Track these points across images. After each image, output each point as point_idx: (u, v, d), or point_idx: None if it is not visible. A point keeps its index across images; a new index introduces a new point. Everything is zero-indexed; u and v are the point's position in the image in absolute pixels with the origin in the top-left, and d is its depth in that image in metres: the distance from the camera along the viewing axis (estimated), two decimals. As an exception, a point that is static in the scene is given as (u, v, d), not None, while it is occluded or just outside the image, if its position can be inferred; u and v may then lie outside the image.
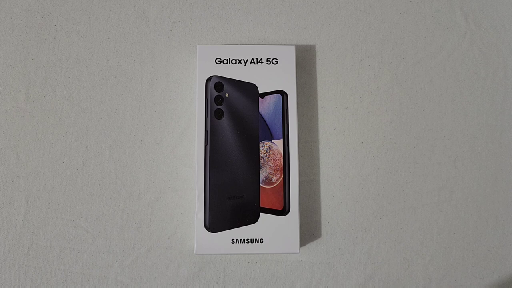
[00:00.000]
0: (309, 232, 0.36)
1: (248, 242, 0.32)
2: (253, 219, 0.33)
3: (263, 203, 0.33)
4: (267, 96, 0.34)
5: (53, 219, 0.35)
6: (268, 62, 0.35)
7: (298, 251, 0.33)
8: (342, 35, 0.38)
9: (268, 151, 0.34)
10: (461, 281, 0.36)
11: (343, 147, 0.37)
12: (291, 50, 0.35)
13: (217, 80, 0.34)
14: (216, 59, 0.35)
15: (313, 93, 0.38)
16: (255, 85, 0.34)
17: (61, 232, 0.35)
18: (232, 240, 0.32)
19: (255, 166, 0.34)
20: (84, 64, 0.37)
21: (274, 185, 0.34)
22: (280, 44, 0.38)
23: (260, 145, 0.34)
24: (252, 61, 0.35)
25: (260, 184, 0.34)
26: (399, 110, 0.38)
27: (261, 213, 0.33)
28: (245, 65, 0.35)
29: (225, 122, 0.34)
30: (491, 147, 0.37)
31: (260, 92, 0.34)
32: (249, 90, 0.34)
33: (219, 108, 0.34)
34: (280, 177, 0.34)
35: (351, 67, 0.38)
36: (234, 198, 0.33)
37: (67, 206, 0.35)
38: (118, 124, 0.36)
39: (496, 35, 0.39)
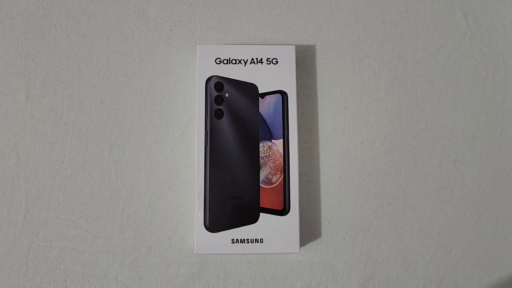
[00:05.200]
0: (309, 232, 0.36)
1: (248, 242, 0.32)
2: (253, 219, 0.33)
3: (263, 203, 0.33)
4: (267, 96, 0.34)
5: (53, 219, 0.35)
6: (268, 62, 0.35)
7: (298, 251, 0.33)
8: (342, 35, 0.38)
9: (268, 151, 0.34)
10: (461, 281, 0.36)
11: (343, 147, 0.37)
12: (291, 50, 0.35)
13: (217, 80, 0.34)
14: (216, 59, 0.35)
15: (313, 93, 0.38)
16: (255, 85, 0.34)
17: (61, 232, 0.35)
18: (232, 240, 0.32)
19: (255, 166, 0.34)
20: (84, 64, 0.37)
21: (274, 185, 0.34)
22: (280, 44, 0.38)
23: (260, 145, 0.34)
24: (252, 61, 0.35)
25: (260, 184, 0.34)
26: (399, 110, 0.38)
27: (261, 213, 0.33)
28: (245, 65, 0.35)
29: (225, 122, 0.34)
30: (491, 147, 0.37)
31: (260, 92, 0.34)
32: (249, 90, 0.34)
33: (219, 108, 0.34)
34: (280, 177, 0.34)
35: (351, 67, 0.38)
36: (234, 198, 0.33)
37: (67, 206, 0.35)
38: (118, 124, 0.36)
39: (496, 35, 0.39)
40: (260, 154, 0.34)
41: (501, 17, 0.39)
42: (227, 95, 0.34)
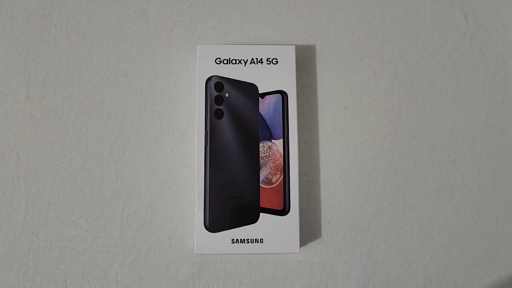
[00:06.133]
0: (309, 232, 0.36)
1: (248, 242, 0.32)
2: (253, 219, 0.33)
3: (263, 203, 0.33)
4: (267, 96, 0.35)
5: (53, 219, 0.35)
6: (268, 62, 0.35)
7: (298, 251, 0.33)
8: (342, 35, 0.38)
9: (268, 151, 0.34)
10: (461, 281, 0.36)
11: (343, 147, 0.37)
12: (291, 50, 0.35)
13: (217, 80, 0.34)
14: (216, 59, 0.35)
15: (313, 93, 0.38)
16: (255, 85, 0.34)
17: (61, 232, 0.35)
18: (232, 240, 0.32)
19: (255, 166, 0.34)
20: (84, 64, 0.37)
21: (274, 185, 0.34)
22: (280, 44, 0.38)
23: (260, 145, 0.34)
24: (252, 61, 0.35)
25: (260, 184, 0.34)
26: (399, 110, 0.38)
27: (261, 213, 0.33)
28: (245, 65, 0.35)
29: (225, 122, 0.34)
30: (491, 147, 0.37)
31: (260, 92, 0.34)
32: (249, 90, 0.34)
33: (219, 108, 0.34)
34: (280, 177, 0.34)
35: (351, 67, 0.38)
36: (234, 198, 0.33)
37: (67, 206, 0.35)
38: (118, 124, 0.36)
39: (496, 35, 0.39)
40: (260, 154, 0.34)
41: (501, 17, 0.39)
42: (227, 95, 0.34)
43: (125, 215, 0.35)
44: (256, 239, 0.33)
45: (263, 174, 0.34)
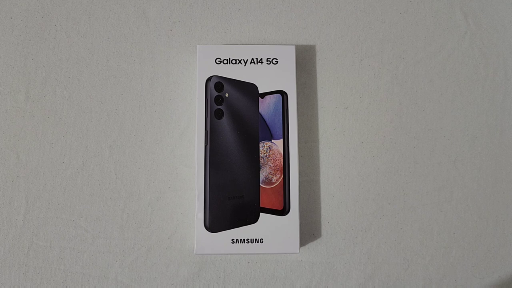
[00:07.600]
0: (309, 232, 0.36)
1: (248, 242, 0.32)
2: (253, 219, 0.33)
3: (263, 203, 0.33)
4: (267, 96, 0.35)
5: (53, 219, 0.35)
6: (268, 62, 0.35)
7: (298, 251, 0.33)
8: (342, 35, 0.38)
9: (268, 151, 0.34)
10: (461, 281, 0.36)
11: (343, 147, 0.37)
12: (291, 50, 0.35)
13: (217, 80, 0.34)
14: (216, 59, 0.35)
15: (313, 93, 0.38)
16: (255, 85, 0.34)
17: (61, 232, 0.35)
18: (232, 240, 0.32)
19: (255, 166, 0.34)
20: (84, 64, 0.37)
21: (274, 185, 0.34)
22: (280, 44, 0.38)
23: (260, 145, 0.34)
24: (252, 61, 0.35)
25: (260, 184, 0.34)
26: (399, 110, 0.38)
27: (261, 213, 0.33)
28: (245, 65, 0.35)
29: (225, 122, 0.34)
30: (491, 147, 0.37)
31: (260, 92, 0.34)
32: (249, 90, 0.34)
33: (219, 108, 0.34)
34: (280, 177, 0.34)
35: (351, 67, 0.38)
36: (234, 198, 0.33)
37: (67, 206, 0.35)
38: (118, 124, 0.37)
39: (496, 35, 0.39)
40: (260, 154, 0.34)
41: (501, 17, 0.39)
42: (227, 95, 0.34)
43: (125, 215, 0.35)
44: (256, 239, 0.33)
45: (263, 174, 0.34)
